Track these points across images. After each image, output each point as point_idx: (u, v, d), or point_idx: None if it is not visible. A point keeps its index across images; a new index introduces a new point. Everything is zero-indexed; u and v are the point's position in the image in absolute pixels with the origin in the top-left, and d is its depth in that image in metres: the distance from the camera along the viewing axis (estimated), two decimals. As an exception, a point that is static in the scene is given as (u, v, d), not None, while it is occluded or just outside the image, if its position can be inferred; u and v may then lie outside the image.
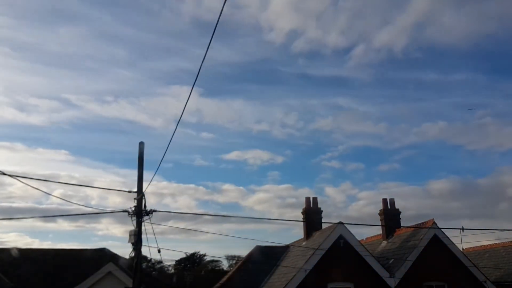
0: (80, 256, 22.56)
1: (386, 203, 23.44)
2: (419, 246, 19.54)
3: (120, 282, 19.59)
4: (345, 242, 19.06)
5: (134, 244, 12.55)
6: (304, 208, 23.86)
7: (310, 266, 18.38)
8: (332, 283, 18.87)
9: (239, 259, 43.53)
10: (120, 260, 21.61)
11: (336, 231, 19.13)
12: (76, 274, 20.14)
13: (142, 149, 13.43)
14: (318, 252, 18.61)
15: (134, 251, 12.63)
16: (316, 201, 23.84)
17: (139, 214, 12.64)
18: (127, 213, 12.68)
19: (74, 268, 21.00)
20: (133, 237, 12.52)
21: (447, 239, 20.09)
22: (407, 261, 19.09)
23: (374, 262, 19.07)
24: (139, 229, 12.60)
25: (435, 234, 19.91)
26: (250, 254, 24.07)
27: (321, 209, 23.78)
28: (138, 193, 12.80)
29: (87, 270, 20.07)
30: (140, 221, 12.63)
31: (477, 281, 19.71)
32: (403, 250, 20.26)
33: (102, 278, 19.80)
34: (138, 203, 12.74)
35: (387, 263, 20.07)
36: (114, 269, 19.82)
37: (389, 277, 18.67)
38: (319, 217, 23.36)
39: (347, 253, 18.94)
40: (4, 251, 22.16)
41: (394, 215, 23.28)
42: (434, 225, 20.11)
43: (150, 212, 12.71)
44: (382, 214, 23.47)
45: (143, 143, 13.44)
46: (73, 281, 19.51)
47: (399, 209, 23.38)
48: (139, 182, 13.02)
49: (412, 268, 19.00)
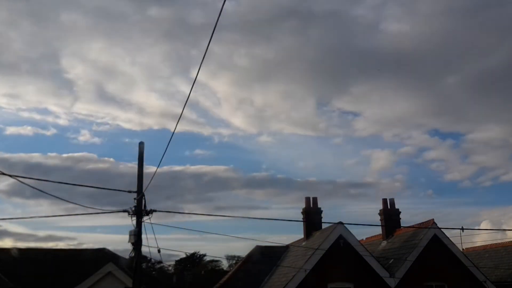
0: (80, 256, 22.56)
1: (386, 203, 23.44)
2: (419, 246, 19.53)
3: (120, 282, 19.60)
4: (345, 242, 19.05)
5: (134, 244, 12.56)
6: (304, 208, 23.86)
7: (310, 266, 18.37)
8: (332, 283, 18.87)
9: (239, 259, 43.53)
10: (120, 260, 21.62)
11: (336, 231, 19.12)
12: (76, 274, 20.12)
13: (142, 149, 13.44)
14: (318, 252, 18.60)
15: (134, 251, 12.64)
16: (316, 201, 23.84)
17: (139, 214, 12.65)
18: (127, 213, 12.69)
19: (74, 268, 20.98)
20: (133, 237, 12.53)
21: (447, 239, 20.09)
22: (407, 261, 19.08)
23: (374, 262, 19.07)
24: (139, 229, 12.60)
25: (435, 234, 19.91)
26: (250, 254, 24.06)
27: (321, 209, 23.81)
28: (138, 193, 12.80)
29: (87, 270, 20.07)
30: (140, 221, 12.64)
31: (477, 281, 19.70)
32: (403, 250, 20.26)
33: (102, 278, 19.81)
34: (138, 203, 12.74)
35: (387, 263, 20.06)
36: (114, 269, 19.83)
37: (389, 277, 18.66)
38: (319, 217, 23.37)
39: (347, 253, 18.94)
40: (4, 251, 22.16)
41: (394, 215, 23.30)
42: (434, 225, 20.12)
43: (150, 212, 12.72)
44: (382, 214, 23.48)
45: (143, 143, 13.46)
46: (73, 281, 19.50)
47: (398, 209, 23.43)
48: (139, 182, 13.02)
49: (412, 268, 18.99)
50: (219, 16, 6.34)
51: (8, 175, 10.40)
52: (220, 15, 6.31)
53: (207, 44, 7.14)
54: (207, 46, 7.19)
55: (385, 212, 23.29)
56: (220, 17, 6.38)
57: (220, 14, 6.27)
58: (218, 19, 6.40)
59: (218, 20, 6.42)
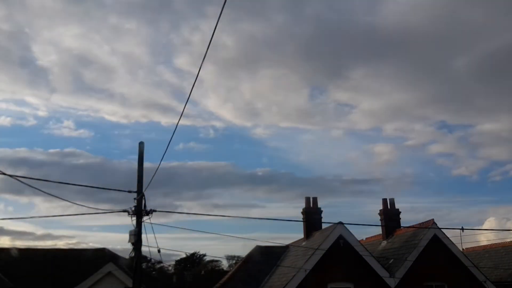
0: (80, 256, 22.57)
1: (386, 203, 23.44)
2: (419, 246, 19.53)
3: (120, 282, 19.62)
4: (345, 242, 19.06)
5: (134, 244, 12.57)
6: (304, 208, 23.85)
7: (310, 266, 18.37)
8: (332, 283, 18.87)
9: (239, 259, 43.54)
10: (120, 260, 21.64)
11: (336, 231, 19.13)
12: (76, 274, 20.13)
13: (142, 149, 13.45)
14: (318, 252, 18.61)
15: (134, 251, 12.65)
16: (316, 201, 23.84)
17: (139, 214, 12.66)
18: (127, 213, 12.70)
19: (74, 268, 20.99)
20: (133, 237, 12.54)
21: (447, 239, 20.09)
22: (407, 261, 19.08)
23: (374, 262, 19.07)
24: (139, 229, 12.61)
25: (435, 234, 19.90)
26: (250, 254, 24.06)
27: (321, 209, 23.80)
28: (138, 193, 12.81)
29: (87, 270, 20.08)
30: (140, 221, 12.65)
31: (477, 281, 19.69)
32: (403, 250, 20.26)
33: (102, 278, 19.82)
34: (138, 203, 12.75)
35: (387, 263, 20.07)
36: (114, 269, 19.84)
37: (389, 277, 18.66)
38: (319, 217, 23.36)
39: (347, 253, 18.94)
40: (4, 251, 22.17)
41: (394, 215, 23.29)
42: (434, 225, 20.12)
43: (150, 212, 12.73)
44: (382, 214, 23.48)
45: (143, 143, 13.48)
46: (73, 281, 19.51)
47: (398, 209, 23.42)
48: (139, 182, 13.03)
49: (412, 268, 18.98)
50: (218, 17, 6.34)
51: (8, 175, 10.40)
52: (219, 16, 6.31)
53: (206, 49, 7.14)
54: (206, 50, 7.19)
55: (385, 212, 23.28)
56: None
57: (219, 15, 6.27)
58: (217, 20, 6.40)
59: (217, 21, 6.42)
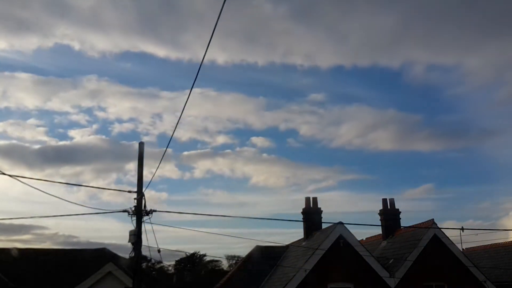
0: (80, 256, 22.57)
1: (386, 203, 23.45)
2: (419, 246, 19.54)
3: (120, 282, 19.61)
4: (345, 242, 19.06)
5: (134, 244, 12.58)
6: (304, 208, 23.84)
7: (310, 266, 18.38)
8: (332, 283, 18.87)
9: (239, 259, 43.54)
10: (120, 260, 21.64)
11: (336, 231, 19.13)
12: (76, 274, 20.14)
13: (142, 149, 13.46)
14: (318, 252, 18.61)
15: (134, 251, 12.66)
16: (316, 201, 23.83)
17: (139, 214, 12.66)
18: (127, 213, 12.70)
19: (74, 268, 21.00)
20: (133, 237, 12.55)
21: (447, 239, 20.09)
22: (407, 261, 19.09)
23: (374, 262, 19.07)
24: (139, 229, 12.62)
25: (435, 234, 19.92)
26: (250, 254, 24.06)
27: (321, 209, 23.78)
28: (138, 193, 12.82)
29: (87, 270, 20.07)
30: (140, 221, 12.65)
31: (477, 281, 19.70)
32: (403, 250, 20.27)
33: (102, 278, 19.81)
34: (138, 203, 12.76)
35: (387, 263, 20.07)
36: (114, 269, 19.83)
37: (389, 277, 18.67)
38: (319, 217, 23.35)
39: (347, 253, 18.94)
40: (4, 251, 22.17)
41: (394, 215, 23.30)
42: (434, 225, 20.13)
43: (150, 212, 12.73)
44: (382, 214, 23.49)
45: (143, 143, 13.49)
46: (73, 281, 19.51)
47: (398, 209, 23.43)
48: (139, 182, 13.03)
49: (412, 268, 18.99)
50: (218, 17, 6.34)
51: (8, 175, 10.41)
52: (219, 17, 6.31)
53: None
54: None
55: (385, 212, 23.30)
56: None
57: (219, 15, 6.27)
58: (217, 20, 6.40)
59: (217, 21, 6.42)
